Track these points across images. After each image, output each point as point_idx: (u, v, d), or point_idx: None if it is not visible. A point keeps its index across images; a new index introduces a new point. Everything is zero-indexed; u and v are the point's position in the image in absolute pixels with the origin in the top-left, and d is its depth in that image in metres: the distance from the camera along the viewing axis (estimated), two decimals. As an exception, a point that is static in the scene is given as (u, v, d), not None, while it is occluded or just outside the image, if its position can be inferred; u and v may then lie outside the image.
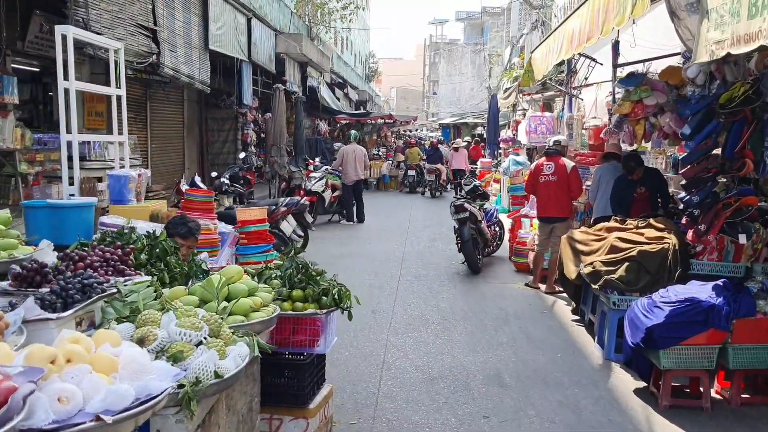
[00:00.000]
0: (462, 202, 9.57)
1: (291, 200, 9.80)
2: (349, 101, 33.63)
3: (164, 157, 18.76)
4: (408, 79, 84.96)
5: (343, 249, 11.53)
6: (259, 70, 18.51)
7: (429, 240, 12.64)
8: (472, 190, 10.45)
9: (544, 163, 8.30)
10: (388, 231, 13.80)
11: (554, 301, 8.03)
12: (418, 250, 11.48)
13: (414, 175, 22.89)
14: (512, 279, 9.29)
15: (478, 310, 7.51)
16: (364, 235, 13.38)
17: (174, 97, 19.15)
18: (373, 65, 59.39)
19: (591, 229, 6.96)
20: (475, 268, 9.45)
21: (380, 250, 11.51)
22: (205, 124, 20.80)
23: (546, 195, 8.23)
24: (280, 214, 9.03)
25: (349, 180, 14.65)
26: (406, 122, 28.09)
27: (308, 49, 20.78)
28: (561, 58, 8.00)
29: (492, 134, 21.15)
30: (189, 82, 13.15)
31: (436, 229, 14.00)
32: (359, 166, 14.74)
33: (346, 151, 14.71)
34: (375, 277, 9.27)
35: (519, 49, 33.30)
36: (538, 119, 10.48)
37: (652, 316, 4.82)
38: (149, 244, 3.74)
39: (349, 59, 40.74)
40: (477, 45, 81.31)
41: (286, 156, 14.29)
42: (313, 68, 23.07)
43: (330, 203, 14.78)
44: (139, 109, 17.18)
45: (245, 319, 3.20)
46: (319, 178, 14.45)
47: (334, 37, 35.09)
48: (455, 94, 77.84)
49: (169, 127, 19.22)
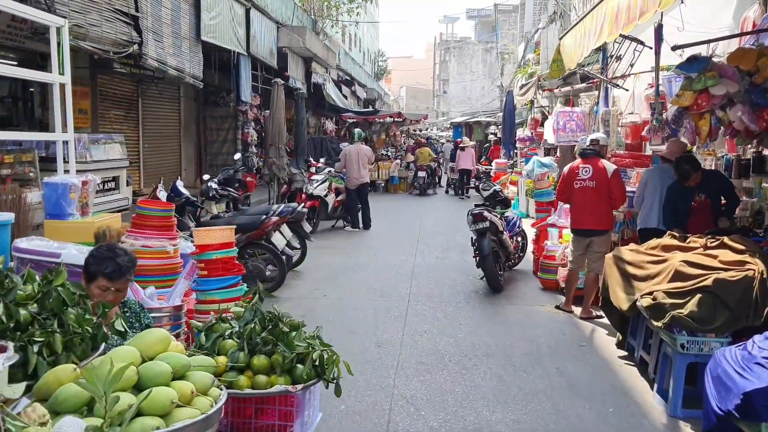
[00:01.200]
0: (481, 211, 8.33)
1: (285, 208, 8.59)
2: (357, 99, 32.42)
3: (158, 157, 17.60)
4: (418, 77, 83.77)
5: (346, 261, 10.31)
6: (259, 65, 17.31)
7: (442, 250, 11.40)
8: (491, 195, 9.20)
9: (579, 166, 7.04)
10: (396, 239, 12.57)
11: (592, 329, 6.78)
12: (430, 263, 10.25)
13: (424, 177, 21.66)
14: (539, 299, 8.03)
15: (504, 343, 6.26)
16: (371, 243, 12.15)
17: (169, 94, 17.99)
18: (382, 63, 58.15)
19: (643, 246, 5.71)
20: (497, 286, 8.21)
21: (388, 262, 10.29)
22: (203, 123, 19.64)
23: (582, 203, 6.98)
24: (272, 225, 7.81)
25: (353, 183, 13.43)
26: (416, 121, 26.84)
27: (312, 43, 19.58)
28: (602, 41, 6.74)
29: (508, 133, 19.88)
30: (178, 75, 11.96)
31: (450, 237, 12.75)
32: (364, 168, 13.51)
33: (349, 152, 13.48)
34: (381, 297, 8.04)
35: (534, 45, 32.06)
36: (567, 115, 9.22)
37: (751, 376, 3.57)
38: (40, 291, 2.53)
39: (358, 56, 39.57)
40: (488, 43, 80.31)
41: (285, 157, 13.08)
42: (318, 64, 21.87)
43: (333, 208, 13.57)
44: (129, 106, 16.02)
45: (162, 425, 1.99)
46: (321, 181, 13.24)
47: (342, 33, 33.93)
48: (466, 93, 76.71)
49: (164, 125, 18.07)
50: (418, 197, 21.27)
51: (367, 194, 13.83)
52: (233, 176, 12.46)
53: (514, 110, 19.98)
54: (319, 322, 7.01)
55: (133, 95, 15.99)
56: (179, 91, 18.43)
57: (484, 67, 77.96)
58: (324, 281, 8.83)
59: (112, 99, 14.92)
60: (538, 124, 19.47)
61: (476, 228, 8.22)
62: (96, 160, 12.27)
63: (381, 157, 22.55)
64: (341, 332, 6.46)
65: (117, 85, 15.07)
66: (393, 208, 17.62)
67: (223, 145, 19.45)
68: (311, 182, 13.32)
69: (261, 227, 7.68)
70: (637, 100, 8.93)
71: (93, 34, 8.96)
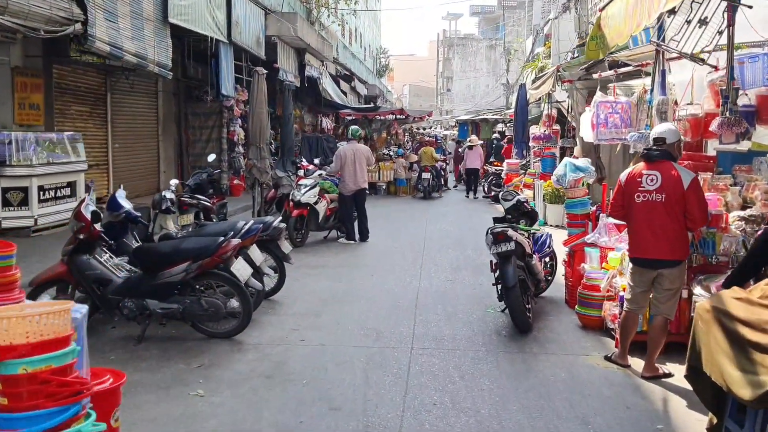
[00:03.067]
0: (503, 229, 6.49)
1: (255, 225, 6.78)
2: (357, 96, 30.61)
3: (131, 159, 15.76)
4: (421, 75, 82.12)
5: (335, 286, 8.48)
6: (244, 55, 15.50)
7: (451, 269, 9.58)
8: (514, 207, 7.36)
9: (643, 173, 5.19)
10: (398, 254, 10.73)
11: (665, 398, 4.93)
12: (437, 288, 8.42)
13: (429, 179, 19.82)
14: (582, 344, 6.19)
15: (546, 425, 4.43)
16: (367, 261, 10.31)
17: (144, 88, 16.14)
18: (384, 60, 56.32)
19: (754, 293, 3.87)
20: (525, 326, 6.38)
21: (387, 286, 8.46)
22: (184, 120, 17.83)
23: (646, 223, 5.13)
24: (231, 249, 5.98)
25: (349, 189, 11.60)
26: (420, 118, 24.98)
27: (305, 32, 17.75)
28: (675, 3, 4.90)
29: (520, 131, 18.03)
30: (138, 63, 10.14)
31: (460, 252, 10.92)
32: (362, 171, 11.68)
33: (344, 153, 11.64)
34: (376, 341, 6.21)
35: (543, 38, 30.21)
36: (609, 106, 7.36)
37: None
38: None
39: (358, 52, 37.73)
40: (492, 40, 78.82)
41: (268, 158, 11.25)
42: (312, 56, 20.05)
43: (325, 217, 11.73)
44: (96, 101, 14.16)
45: None
46: (310, 186, 11.41)
47: (341, 26, 32.13)
48: (470, 91, 75.30)
49: (138, 123, 16.21)
50: (422, 201, 19.44)
51: (365, 201, 12.00)
52: (207, 181, 10.64)
53: (527, 106, 18.12)
54: (290, 388, 4.96)
55: (100, 89, 14.17)
56: (156, 85, 16.60)
57: (488, 64, 76.41)
58: (305, 317, 7.01)
59: (74, 93, 13.08)
60: (553, 120, 17.63)
61: (498, 251, 6.39)
62: (44, 162, 10.52)
63: (382, 157, 20.73)
64: (317, 408, 4.64)
65: (80, 77, 13.25)
66: (395, 215, 15.79)
67: (207, 145, 17.61)
68: (299, 187, 11.49)
69: (216, 253, 5.86)
70: (698, 87, 7.09)
71: (15, 8, 7.15)
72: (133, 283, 6.07)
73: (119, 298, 6.06)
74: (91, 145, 13.58)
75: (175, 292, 6.05)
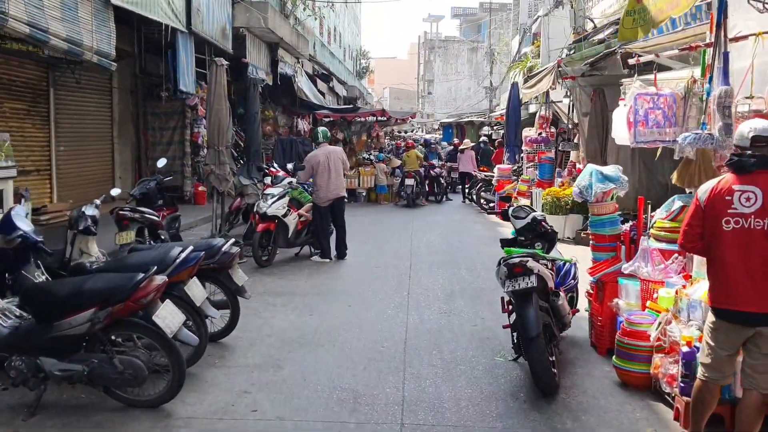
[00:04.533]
0: (522, 260, 4.91)
1: (194, 253, 5.17)
2: (336, 97, 28.99)
3: (80, 164, 13.98)
4: (401, 78, 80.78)
5: (303, 322, 6.88)
6: (207, 47, 13.83)
7: (444, 296, 8.01)
8: (529, 227, 5.82)
9: (734, 189, 3.66)
10: (380, 277, 9.14)
11: None
12: (430, 324, 6.85)
13: (413, 185, 18.26)
14: (628, 414, 4.64)
15: None
16: (344, 286, 8.71)
17: (95, 84, 14.37)
18: (364, 62, 54.80)
19: None
20: (550, 387, 4.82)
21: (367, 322, 6.86)
22: (143, 121, 16.10)
23: (741, 260, 3.60)
24: (153, 291, 4.36)
25: (324, 199, 10.01)
26: (403, 120, 23.40)
27: (277, 23, 16.12)
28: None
29: (512, 133, 16.54)
30: (70, 50, 8.45)
31: (452, 272, 9.37)
32: (337, 178, 10.10)
33: (315, 158, 10.04)
34: (353, 412, 4.61)
35: (531, 37, 28.85)
36: (649, 100, 5.84)
37: None
38: None
39: (338, 52, 36.12)
40: (474, 42, 77.90)
41: (229, 163, 9.60)
42: (286, 51, 18.41)
43: (296, 232, 10.12)
44: (36, 97, 12.32)
45: None
46: (278, 196, 9.80)
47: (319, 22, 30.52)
48: (451, 94, 74.30)
49: (89, 123, 14.41)
50: (405, 209, 17.87)
51: (343, 212, 10.42)
52: (155, 190, 9.00)
53: (520, 106, 16.64)
54: None
55: (40, 84, 12.41)
56: (111, 82, 14.86)
57: (470, 67, 75.36)
58: (261, 371, 5.40)
59: (7, 88, 11.27)
60: (548, 122, 16.20)
61: (515, 288, 4.84)
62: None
63: (362, 162, 19.14)
64: None
65: (14, 69, 11.46)
66: (376, 226, 14.20)
67: (168, 148, 15.88)
68: (265, 197, 9.87)
69: (132, 297, 4.24)
70: (759, 76, 5.61)
71: None
72: (23, 336, 4.44)
73: (4, 355, 4.44)
74: (30, 148, 11.86)
75: (80, 348, 4.43)
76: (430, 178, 19.35)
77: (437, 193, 19.61)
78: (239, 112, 16.03)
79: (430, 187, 19.56)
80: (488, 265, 9.81)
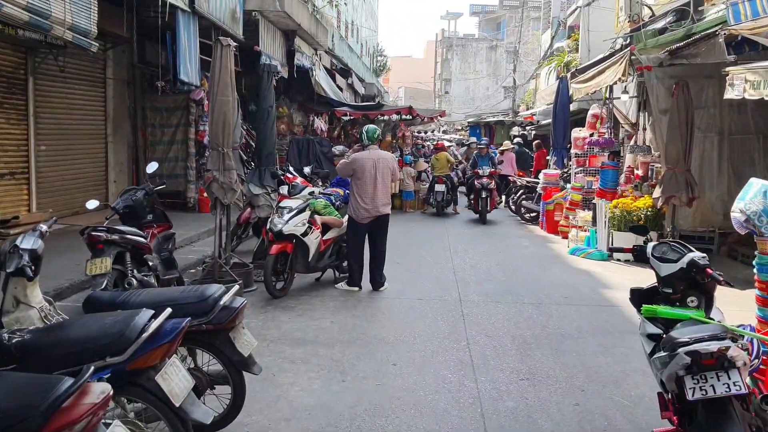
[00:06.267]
0: (722, 346, 2.92)
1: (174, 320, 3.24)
2: (355, 94, 27.06)
3: (65, 166, 11.99)
4: (417, 77, 78.92)
5: (332, 397, 4.90)
6: (215, 32, 11.91)
7: (517, 348, 6.03)
8: (682, 275, 3.83)
9: None
10: (425, 316, 7.16)
11: None
12: (511, 401, 4.86)
13: (443, 192, 16.32)
14: None
15: None
16: (380, 330, 6.71)
17: (84, 74, 12.41)
18: (381, 58, 52.93)
19: None
20: None
21: (423, 400, 4.89)
22: (142, 117, 14.25)
23: None
24: (86, 415, 2.41)
25: (364, 215, 8.04)
26: (430, 118, 21.42)
27: (294, 7, 14.21)
28: None
29: (560, 135, 14.52)
30: (33, 21, 6.55)
31: (516, 310, 7.38)
32: (384, 190, 8.12)
33: (360, 163, 8.04)
34: None
35: (568, 30, 26.82)
36: None
37: None
38: None
39: (356, 47, 34.21)
40: (493, 41, 76.15)
41: (236, 169, 7.67)
42: (303, 41, 16.50)
43: (318, 254, 8.17)
44: (10, 87, 10.30)
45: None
46: (296, 211, 7.87)
47: (337, 17, 28.63)
48: (469, 93, 72.64)
49: (77, 119, 12.41)
50: (435, 218, 15.94)
51: (386, 234, 8.41)
52: (142, 202, 7.12)
53: (569, 104, 14.62)
54: None
55: (17, 71, 10.54)
56: (104, 71, 13.01)
57: (489, 66, 73.53)
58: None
59: (-27, 75, 9.56)
60: (603, 121, 14.18)
61: (708, 395, 2.87)
62: None
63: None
64: None
65: (-14, 53, 9.73)
66: (406, 238, 12.21)
67: (170, 148, 14.01)
68: (280, 211, 7.93)
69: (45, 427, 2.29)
70: None
71: None
72: None
73: None
74: (3, 147, 10.03)
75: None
76: (475, 189, 15.25)
77: (481, 212, 15.19)
78: (251, 109, 14.17)
79: (476, 203, 15.50)
80: (556, 298, 7.87)
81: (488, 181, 14.92)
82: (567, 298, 7.92)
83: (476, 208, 15.27)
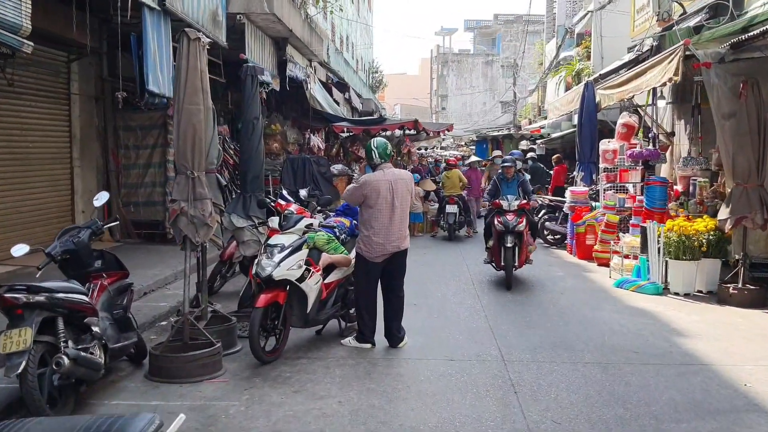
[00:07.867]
0: None
1: None
2: (353, 110, 25.46)
3: (18, 196, 10.28)
4: (413, 94, 77.75)
5: None
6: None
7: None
8: None
9: None
10: (463, 389, 5.39)
11: None
12: None
13: (455, 213, 14.68)
14: None
15: None
16: (406, 415, 4.91)
17: (43, 88, 10.76)
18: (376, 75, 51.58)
19: None
20: None
21: None
22: (113, 137, 12.55)
23: None
24: None
25: (377, 253, 6.30)
26: (437, 132, 19.79)
27: (285, 11, 12.59)
28: None
29: (588, 147, 12.86)
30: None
31: (574, 369, 5.66)
32: (402, 218, 6.42)
33: (374, 185, 6.29)
34: None
35: (574, 39, 25.37)
36: None
37: None
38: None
39: (351, 63, 32.68)
40: (489, 55, 75.36)
41: (210, 197, 5.93)
42: (296, 50, 14.88)
43: (319, 302, 6.44)
44: None
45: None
46: (289, 249, 6.13)
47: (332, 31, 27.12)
48: (466, 109, 71.53)
49: (34, 140, 10.79)
50: (448, 243, 14.27)
51: (404, 274, 6.69)
52: (86, 246, 5.40)
53: (596, 112, 12.97)
54: None
55: (-48, 85, 8.90)
56: (68, 86, 11.37)
57: (485, 81, 72.50)
58: None
59: None
60: (633, 131, 12.55)
61: None
62: None
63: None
64: None
65: None
66: (421, 270, 10.43)
67: (146, 171, 12.20)
68: (269, 250, 6.20)
69: None
70: None
71: None
72: None
73: None
74: None
75: None
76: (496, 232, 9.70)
77: (505, 269, 9.50)
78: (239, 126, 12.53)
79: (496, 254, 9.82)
80: (624, 354, 6.17)
81: (516, 220, 9.49)
82: (638, 354, 6.20)
83: (497, 262, 9.77)
